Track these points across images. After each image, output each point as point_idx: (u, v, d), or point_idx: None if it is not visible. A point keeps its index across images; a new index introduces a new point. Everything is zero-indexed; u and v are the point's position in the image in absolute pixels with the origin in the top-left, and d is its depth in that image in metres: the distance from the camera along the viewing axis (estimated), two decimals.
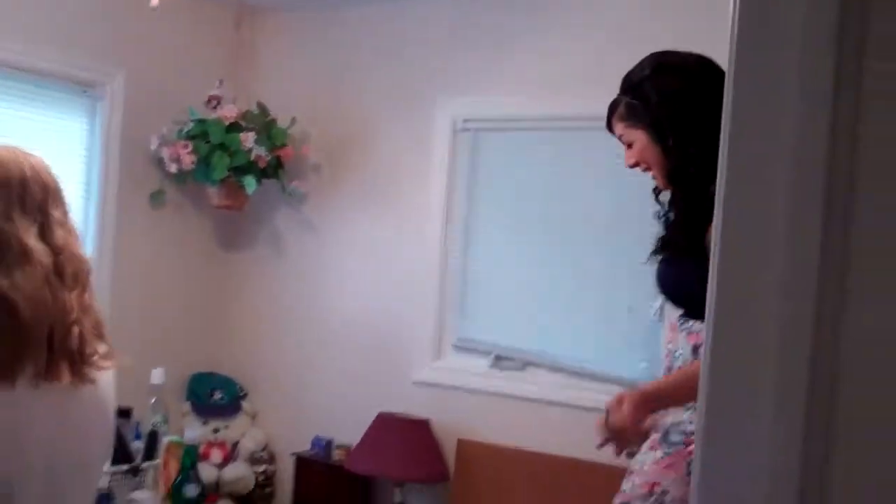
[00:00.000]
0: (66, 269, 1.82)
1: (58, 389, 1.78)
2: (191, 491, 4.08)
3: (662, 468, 2.28)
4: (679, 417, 2.31)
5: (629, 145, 2.26)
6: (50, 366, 1.76)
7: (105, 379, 1.91)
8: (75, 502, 1.90)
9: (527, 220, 4.14)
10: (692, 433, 2.20)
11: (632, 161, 2.26)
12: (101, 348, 1.89)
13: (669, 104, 2.17)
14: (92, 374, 1.84)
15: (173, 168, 4.40)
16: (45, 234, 1.82)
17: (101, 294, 1.97)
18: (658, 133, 2.18)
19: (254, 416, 4.77)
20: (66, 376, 1.78)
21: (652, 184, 2.33)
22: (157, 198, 4.51)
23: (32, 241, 1.78)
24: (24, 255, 1.76)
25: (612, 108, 2.31)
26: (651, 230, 2.29)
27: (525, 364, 4.09)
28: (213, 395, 4.72)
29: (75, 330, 1.81)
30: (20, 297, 1.71)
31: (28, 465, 1.77)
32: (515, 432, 3.99)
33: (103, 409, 1.93)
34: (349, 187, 4.58)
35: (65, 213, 1.89)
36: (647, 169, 2.26)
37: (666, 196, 2.30)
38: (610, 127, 2.33)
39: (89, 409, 1.87)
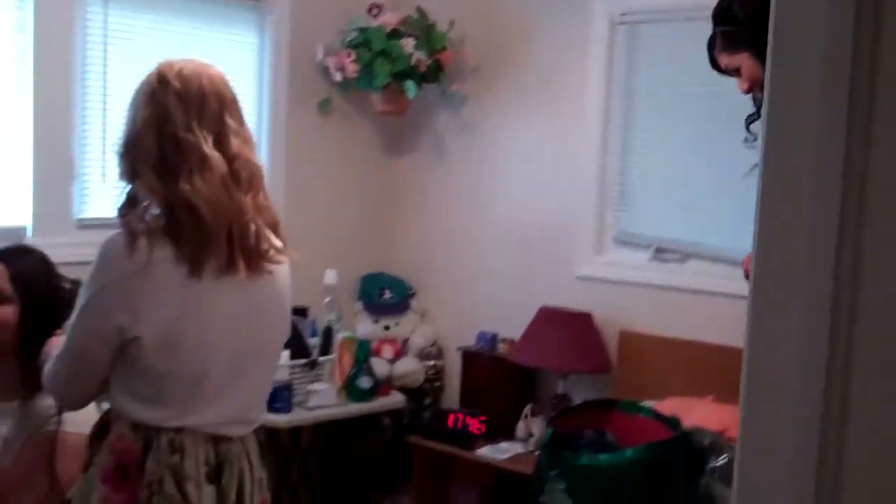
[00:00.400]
0: (241, 174, 1.98)
1: (237, 281, 1.96)
2: (365, 383, 4.33)
3: None
4: None
5: (737, 72, 2.27)
6: (230, 260, 1.94)
7: (281, 271, 2.08)
8: (255, 383, 2.09)
9: (685, 111, 4.11)
10: None
11: (745, 87, 2.27)
12: (277, 244, 2.07)
13: (760, 19, 2.16)
14: (268, 267, 2.02)
15: (338, 77, 4.55)
16: (221, 142, 1.97)
17: (276, 200, 2.13)
18: (758, 50, 2.18)
19: (422, 314, 4.96)
20: (243, 270, 1.96)
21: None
22: (324, 106, 4.69)
23: (209, 149, 1.95)
24: (203, 162, 1.93)
25: (711, 44, 2.32)
26: None
27: (686, 256, 4.12)
28: (384, 295, 4.92)
29: (252, 228, 1.98)
30: (200, 200, 1.89)
31: (216, 347, 1.96)
32: (677, 323, 4.02)
33: (279, 298, 2.10)
34: (508, 87, 4.63)
35: (240, 123, 2.04)
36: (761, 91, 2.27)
37: (757, 126, 2.31)
38: (715, 65, 2.33)
39: (266, 298, 2.05)
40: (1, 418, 2.31)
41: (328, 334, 4.32)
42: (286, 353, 3.94)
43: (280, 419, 3.94)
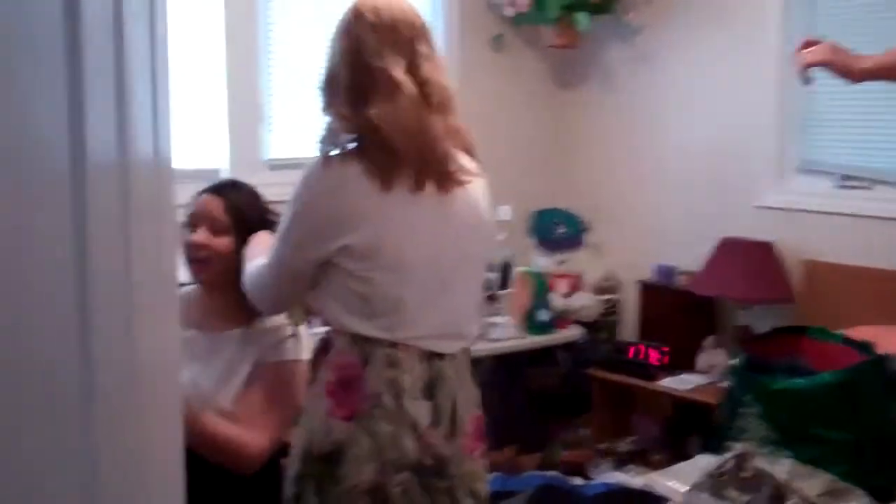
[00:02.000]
0: (433, 98, 2.06)
1: (429, 195, 2.05)
2: (543, 316, 4.40)
3: None
4: None
5: None
6: (418, 182, 2.03)
7: (474, 185, 2.15)
8: (462, 294, 2.16)
9: (870, 33, 3.97)
10: None
11: None
12: (468, 164, 2.14)
13: None
14: (455, 187, 2.09)
15: (510, 11, 4.57)
16: (413, 68, 2.06)
17: None
18: None
19: (596, 248, 4.97)
20: (431, 190, 2.05)
21: None
22: (497, 41, 4.72)
23: (400, 74, 2.03)
24: (393, 87, 2.02)
25: None
26: None
27: (873, 182, 3.99)
28: (557, 230, 4.96)
29: (440, 149, 2.06)
30: (386, 124, 1.99)
31: (416, 254, 2.05)
32: (864, 252, 3.91)
33: (474, 209, 2.16)
34: (682, 15, 4.55)
35: (431, 49, 2.12)
36: None
37: None
38: None
39: (462, 208, 2.12)
40: (224, 343, 2.46)
41: (506, 269, 4.39)
42: None
43: None
